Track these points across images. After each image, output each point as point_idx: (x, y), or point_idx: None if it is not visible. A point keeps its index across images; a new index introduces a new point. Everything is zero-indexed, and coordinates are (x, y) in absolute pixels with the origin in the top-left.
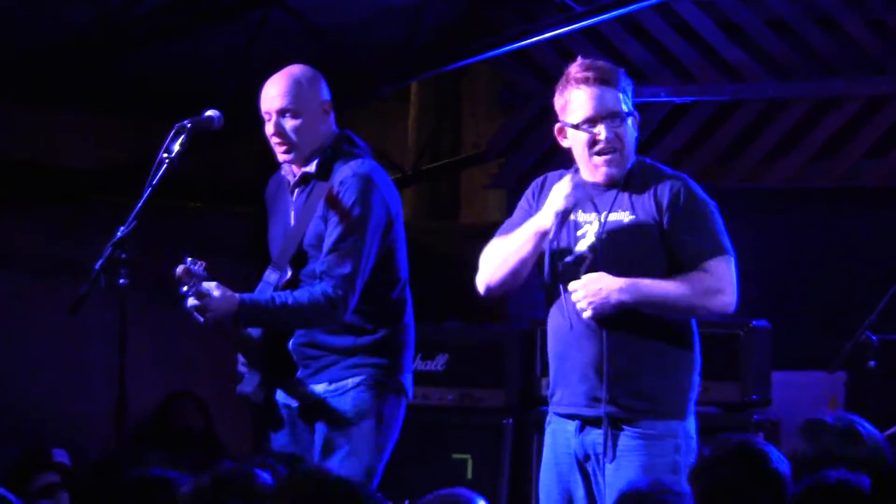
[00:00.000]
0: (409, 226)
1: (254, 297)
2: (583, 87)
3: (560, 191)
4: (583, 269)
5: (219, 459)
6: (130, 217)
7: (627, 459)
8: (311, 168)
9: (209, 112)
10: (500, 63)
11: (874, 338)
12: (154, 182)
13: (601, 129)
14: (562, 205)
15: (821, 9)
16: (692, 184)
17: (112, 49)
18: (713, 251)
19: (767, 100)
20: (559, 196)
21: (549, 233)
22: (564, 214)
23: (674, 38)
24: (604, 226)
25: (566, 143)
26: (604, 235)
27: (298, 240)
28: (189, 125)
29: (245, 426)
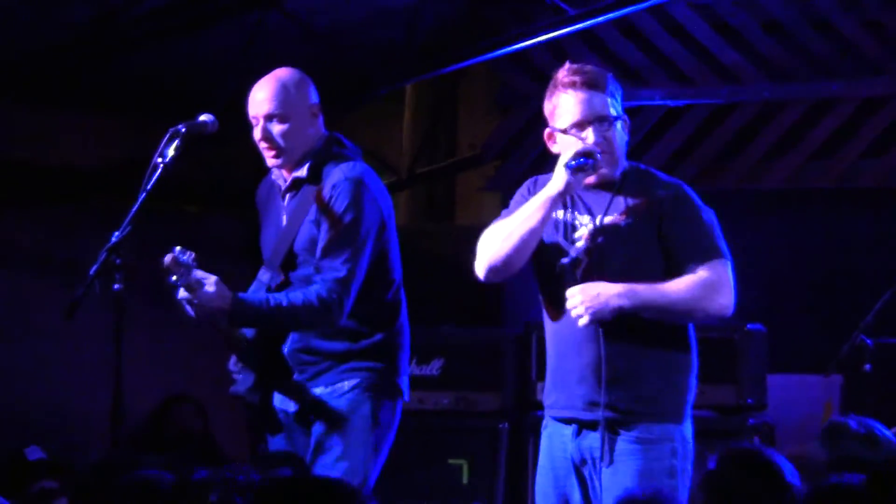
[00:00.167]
0: (405, 228)
1: (248, 297)
2: (570, 92)
3: (565, 158)
4: (579, 272)
5: (217, 462)
6: (125, 222)
7: (624, 463)
8: (303, 173)
9: (203, 116)
10: (497, 65)
11: (869, 341)
12: (149, 187)
13: (589, 133)
14: (573, 161)
15: (816, 11)
16: (688, 189)
17: (112, 49)
18: (710, 255)
19: (763, 102)
20: (566, 158)
21: (565, 191)
22: (576, 171)
23: (669, 41)
24: (599, 228)
25: (556, 149)
26: (600, 238)
27: (290, 244)
28: (183, 129)
29: (243, 429)
